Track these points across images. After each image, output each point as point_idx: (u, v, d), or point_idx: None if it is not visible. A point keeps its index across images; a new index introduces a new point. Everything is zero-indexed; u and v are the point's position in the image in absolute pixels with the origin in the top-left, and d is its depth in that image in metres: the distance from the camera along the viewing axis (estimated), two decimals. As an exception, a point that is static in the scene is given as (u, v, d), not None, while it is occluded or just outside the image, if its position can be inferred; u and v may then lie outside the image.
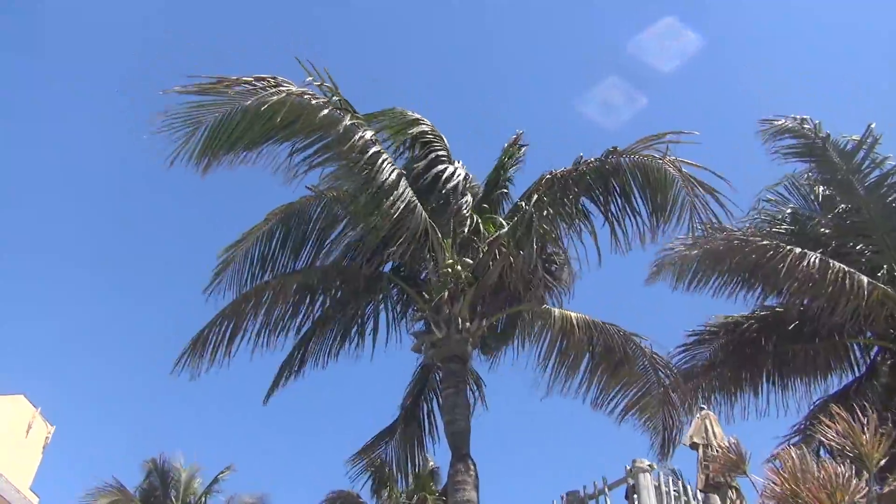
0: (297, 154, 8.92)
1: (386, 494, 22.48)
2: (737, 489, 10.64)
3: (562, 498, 10.07)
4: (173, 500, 23.35)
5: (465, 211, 10.10)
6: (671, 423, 10.65)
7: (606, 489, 9.65)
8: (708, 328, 13.06)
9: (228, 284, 10.53)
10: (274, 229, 10.48)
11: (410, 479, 22.76)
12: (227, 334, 10.22)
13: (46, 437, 54.99)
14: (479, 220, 10.23)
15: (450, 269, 9.71)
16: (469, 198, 10.26)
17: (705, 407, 12.21)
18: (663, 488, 9.38)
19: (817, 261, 10.03)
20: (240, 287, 10.52)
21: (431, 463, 23.38)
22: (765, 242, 10.90)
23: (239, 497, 24.03)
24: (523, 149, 10.94)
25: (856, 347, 12.74)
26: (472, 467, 8.86)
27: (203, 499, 24.04)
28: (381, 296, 11.15)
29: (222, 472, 24.24)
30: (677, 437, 11.03)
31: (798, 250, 10.61)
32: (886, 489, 8.90)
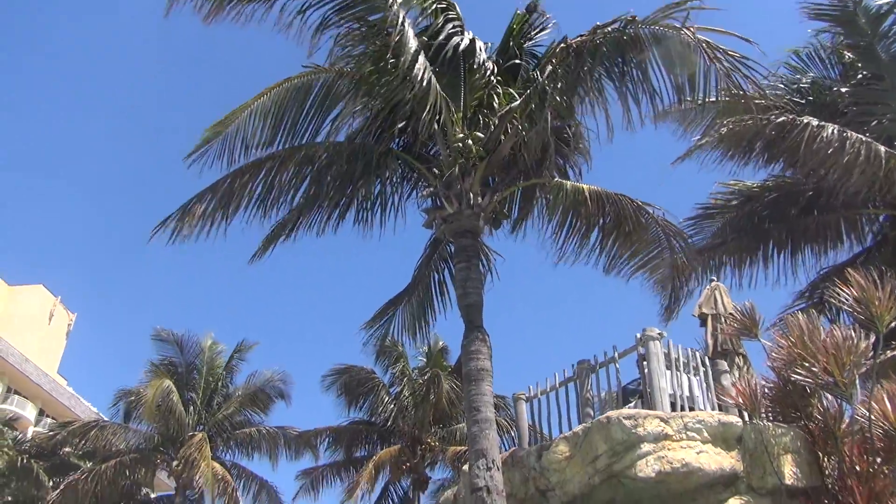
0: (312, 9, 8.63)
1: (399, 369, 23.29)
2: (744, 355, 10.91)
3: (573, 367, 10.32)
4: (197, 377, 24.19)
5: (477, 83, 9.83)
6: (680, 287, 10.83)
7: (616, 357, 9.86)
8: (718, 200, 13.03)
9: (231, 158, 10.35)
10: (273, 104, 10.17)
11: (421, 349, 23.57)
12: (229, 206, 10.22)
13: (69, 325, 56.72)
14: (491, 93, 9.98)
15: (461, 144, 9.56)
16: (483, 69, 9.94)
17: (715, 278, 12.38)
18: (672, 355, 9.57)
19: (836, 132, 9.87)
20: (246, 158, 10.37)
21: (442, 342, 24.09)
22: (782, 119, 10.70)
23: (260, 373, 24.88)
24: (536, 16, 10.50)
25: (866, 220, 12.75)
26: (485, 338, 9.05)
27: (227, 374, 24.88)
28: (389, 173, 11.03)
29: (246, 347, 24.95)
30: (685, 301, 11.27)
31: (816, 122, 10.45)
32: (893, 353, 9.11)
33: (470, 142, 9.51)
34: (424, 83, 8.62)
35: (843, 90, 12.23)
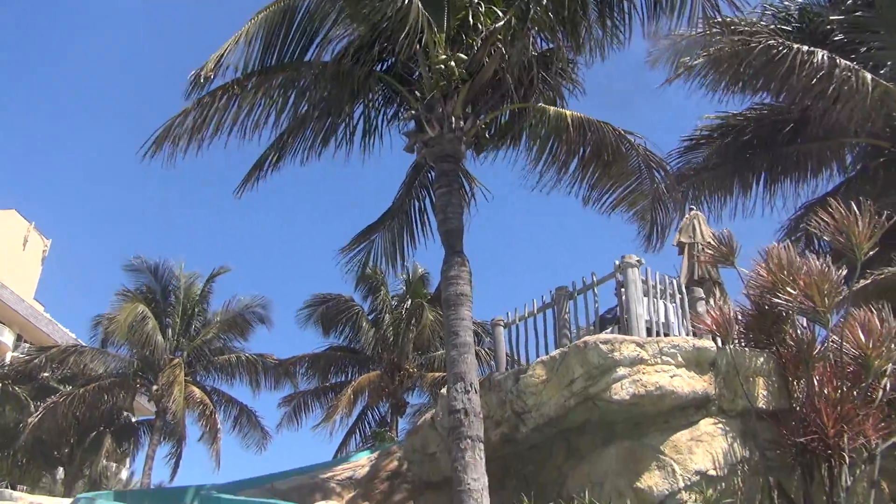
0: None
1: (381, 296, 23.40)
2: (720, 284, 11.04)
3: (551, 293, 10.37)
4: (174, 302, 24.14)
5: (459, 2, 9.52)
6: (660, 217, 10.86)
7: (595, 284, 9.91)
8: (703, 131, 12.96)
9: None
10: (259, 27, 9.83)
11: (401, 277, 23.64)
12: (210, 129, 9.94)
13: (44, 251, 56.07)
14: (475, 13, 9.68)
15: (443, 66, 9.31)
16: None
17: (694, 208, 12.43)
18: (650, 282, 9.63)
19: (825, 57, 9.74)
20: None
21: (422, 269, 24.14)
22: (771, 42, 10.54)
23: (239, 298, 24.88)
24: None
25: (848, 149, 12.76)
26: (465, 264, 9.03)
27: (203, 301, 24.83)
28: (372, 96, 10.77)
29: (218, 272, 24.87)
30: (666, 231, 11.31)
31: (805, 48, 10.31)
32: (866, 281, 9.25)
33: (452, 63, 9.26)
34: (406, 0, 8.35)
35: (832, 17, 12.02)
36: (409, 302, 23.17)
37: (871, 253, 7.89)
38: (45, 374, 24.14)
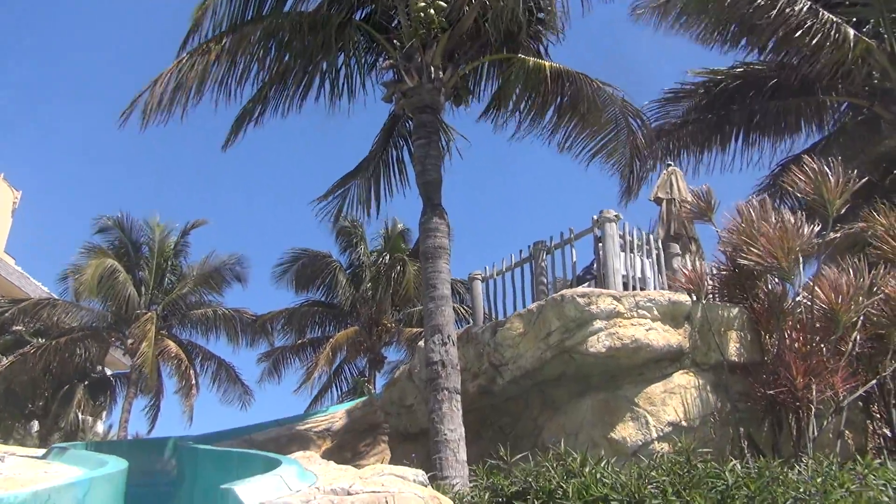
0: None
1: (359, 252, 23.31)
2: (696, 240, 11.11)
3: (529, 248, 10.38)
4: (147, 255, 23.83)
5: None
6: (637, 169, 10.87)
7: (573, 238, 9.93)
8: (685, 85, 12.90)
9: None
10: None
11: (379, 232, 23.56)
12: (193, 85, 9.66)
13: (14, 203, 54.91)
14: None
15: (422, 14, 9.13)
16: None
17: (672, 164, 12.42)
18: (627, 238, 9.67)
19: (806, 8, 9.67)
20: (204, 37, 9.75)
21: (401, 224, 24.04)
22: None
23: (216, 254, 24.60)
24: None
25: (826, 107, 12.78)
26: (443, 216, 8.99)
27: (177, 255, 24.54)
28: (351, 45, 10.53)
29: (194, 225, 24.51)
30: (641, 183, 11.34)
31: (787, -4, 10.20)
32: (837, 234, 9.34)
33: (432, 11, 9.09)
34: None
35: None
36: (388, 257, 23.08)
37: (843, 210, 7.98)
38: (18, 328, 23.84)
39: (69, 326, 22.53)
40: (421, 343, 9.31)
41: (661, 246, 10.19)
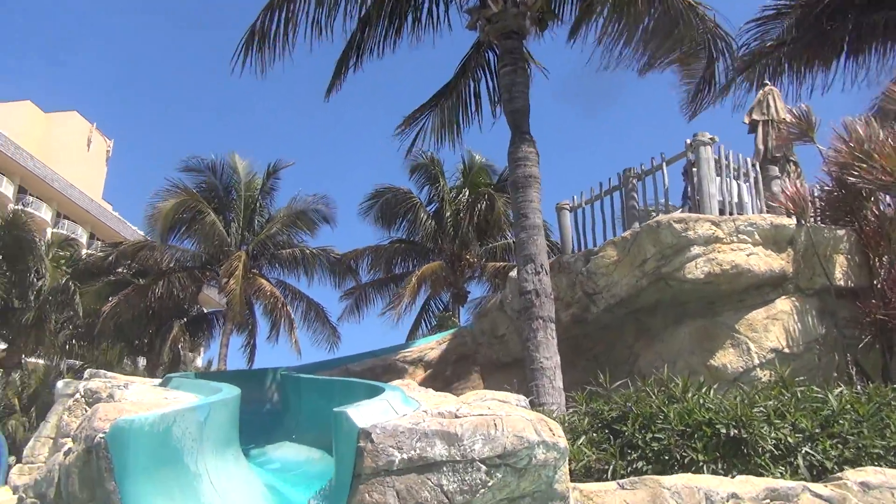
0: None
1: (439, 187, 23.35)
2: (795, 162, 10.60)
3: (618, 176, 10.14)
4: (235, 198, 24.50)
5: None
6: (715, 85, 10.44)
7: (664, 164, 9.63)
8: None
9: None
10: None
11: (458, 168, 23.47)
12: (282, 23, 9.70)
13: (107, 151, 57.33)
14: None
15: (505, -64, 8.83)
16: None
17: (768, 83, 11.79)
18: (723, 161, 9.31)
19: None
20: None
21: (479, 158, 23.87)
22: None
23: (301, 196, 25.09)
24: None
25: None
26: (532, 144, 8.84)
27: (263, 196, 25.13)
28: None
29: (279, 167, 24.98)
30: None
31: None
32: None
33: (515, -68, 8.76)
34: None
35: None
36: (468, 192, 23.04)
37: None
38: (119, 270, 25.13)
39: (166, 267, 23.60)
40: (513, 273, 9.32)
41: (758, 169, 9.79)
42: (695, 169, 9.30)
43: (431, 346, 11.06)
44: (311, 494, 5.32)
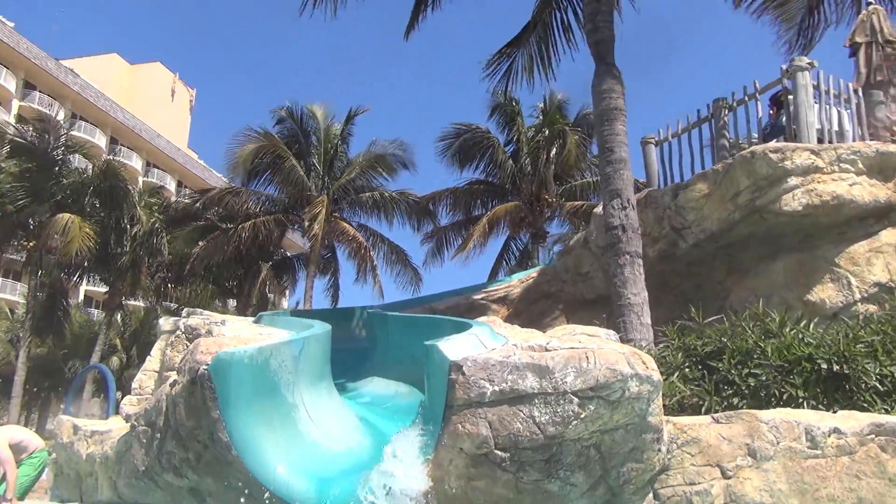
0: None
1: (517, 126, 23.01)
2: (902, 86, 9.89)
3: (707, 107, 9.71)
4: (315, 143, 24.83)
5: None
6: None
7: (757, 92, 9.15)
8: None
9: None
10: None
11: (537, 106, 23.04)
12: None
13: (190, 100, 58.85)
14: None
15: None
16: None
17: (872, 1, 10.97)
18: (822, 87, 8.77)
19: None
20: None
21: (559, 95, 23.33)
22: None
23: (379, 141, 25.23)
24: None
25: None
26: (617, 76, 8.54)
27: (343, 141, 25.38)
28: None
29: (357, 113, 25.12)
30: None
31: None
32: None
33: None
34: None
35: None
36: (546, 131, 22.63)
37: None
38: (207, 216, 26.02)
39: (251, 212, 24.29)
40: (598, 209, 9.14)
41: (860, 94, 9.19)
42: (791, 97, 8.81)
43: (514, 284, 11.05)
44: (403, 426, 5.44)
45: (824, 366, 5.23)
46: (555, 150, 21.16)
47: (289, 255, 28.76)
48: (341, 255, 26.00)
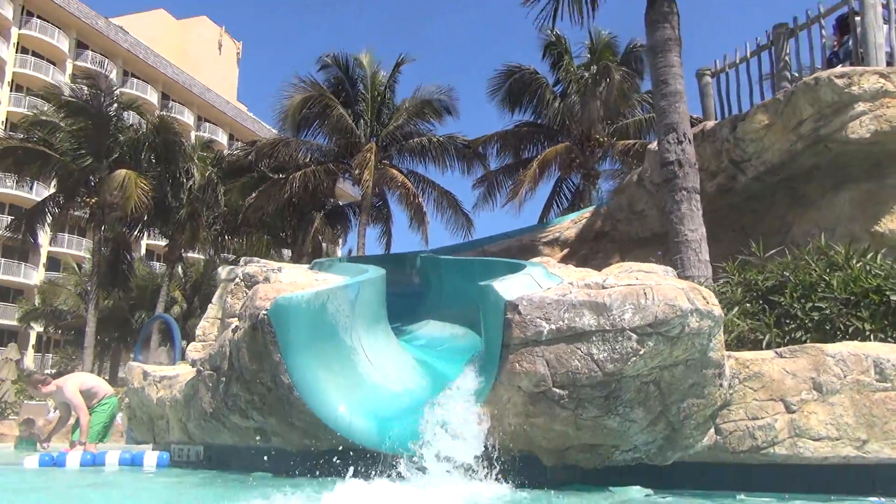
0: None
1: (565, 65, 22.48)
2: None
3: (767, 34, 9.28)
4: (362, 91, 24.74)
5: None
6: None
7: (821, 16, 8.69)
8: None
9: None
10: None
11: (584, 44, 22.43)
12: None
13: (237, 53, 59.03)
14: None
15: None
16: None
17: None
18: (892, 5, 8.27)
19: None
20: None
21: (606, 33, 22.64)
22: None
23: (425, 87, 25.01)
24: None
25: None
26: (671, 4, 8.20)
27: (389, 89, 25.23)
28: None
29: (402, 61, 24.90)
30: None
31: None
32: None
33: None
34: None
35: None
36: (595, 68, 22.05)
37: None
38: (260, 167, 26.33)
39: (301, 161, 24.50)
40: (652, 145, 8.91)
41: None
42: (858, 18, 8.34)
43: (567, 225, 10.92)
44: (459, 367, 5.49)
45: (893, 297, 5.05)
46: (604, 87, 20.63)
47: (341, 204, 29.00)
48: (392, 203, 26.14)
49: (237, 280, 7.10)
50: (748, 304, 5.58)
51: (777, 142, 7.53)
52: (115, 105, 24.85)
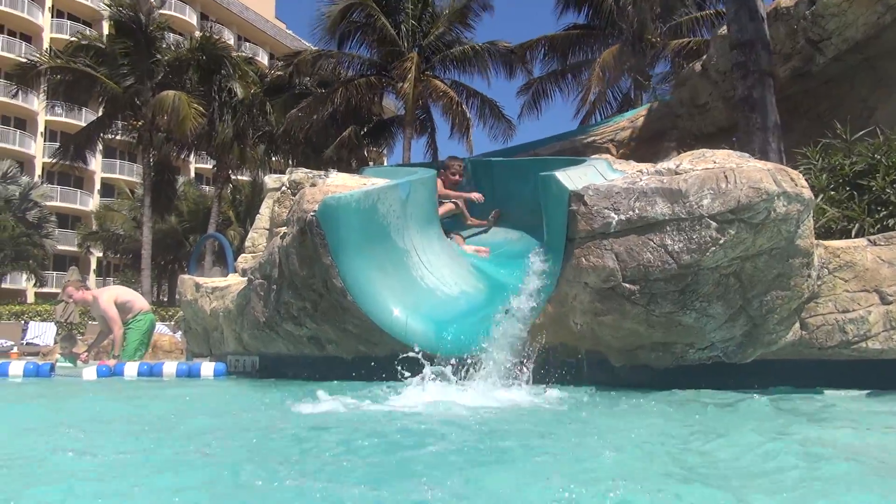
0: None
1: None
2: None
3: None
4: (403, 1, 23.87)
5: None
6: None
7: None
8: None
9: None
10: None
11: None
12: None
13: (273, -32, 57.26)
14: None
15: None
16: None
17: None
18: None
19: None
20: None
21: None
22: None
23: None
24: None
25: None
26: None
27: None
28: None
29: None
30: None
31: None
32: None
33: None
34: None
35: None
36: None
37: None
38: (302, 83, 25.85)
39: (344, 76, 23.94)
40: (721, 30, 8.22)
41: None
42: None
43: (623, 124, 10.33)
44: (515, 270, 5.20)
45: None
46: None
47: (385, 118, 28.50)
48: (436, 114, 25.53)
49: (283, 188, 6.87)
50: (834, 192, 5.12)
51: (861, 15, 6.81)
52: (155, 25, 24.49)
